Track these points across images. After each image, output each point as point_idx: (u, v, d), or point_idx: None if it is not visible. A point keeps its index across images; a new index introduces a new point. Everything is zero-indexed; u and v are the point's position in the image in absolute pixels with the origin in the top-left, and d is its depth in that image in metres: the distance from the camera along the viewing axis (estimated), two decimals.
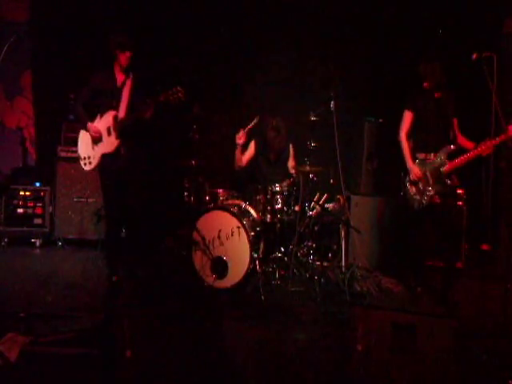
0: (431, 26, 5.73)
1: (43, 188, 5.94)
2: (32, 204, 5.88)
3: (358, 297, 4.31)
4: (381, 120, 5.58)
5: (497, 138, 3.95)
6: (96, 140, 4.34)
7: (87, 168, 4.45)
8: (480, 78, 3.36)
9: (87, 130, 4.38)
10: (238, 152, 5.09)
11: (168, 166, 5.96)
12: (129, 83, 4.38)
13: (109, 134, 4.30)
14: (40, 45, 6.32)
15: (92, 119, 4.42)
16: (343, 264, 4.79)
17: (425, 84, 4.28)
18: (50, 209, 5.91)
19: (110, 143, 4.30)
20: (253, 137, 5.28)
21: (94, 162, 4.38)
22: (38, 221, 5.88)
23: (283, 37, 6.14)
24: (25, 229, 5.84)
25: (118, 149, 4.30)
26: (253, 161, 5.29)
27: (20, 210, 5.85)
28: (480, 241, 5.45)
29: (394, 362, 2.63)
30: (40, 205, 5.88)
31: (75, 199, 5.84)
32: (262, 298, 4.15)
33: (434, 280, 4.46)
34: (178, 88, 4.10)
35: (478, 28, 5.65)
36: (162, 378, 2.55)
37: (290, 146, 5.31)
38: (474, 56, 3.42)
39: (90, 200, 5.84)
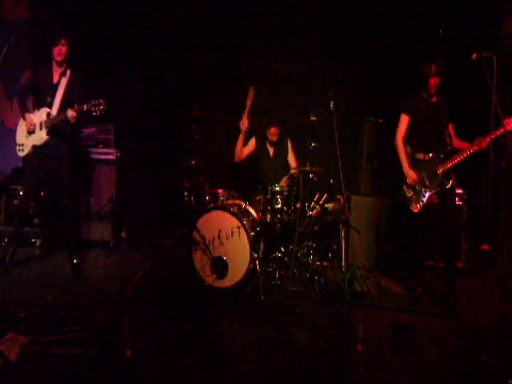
0: (431, 26, 5.74)
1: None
2: (32, 204, 5.86)
3: (358, 297, 4.31)
4: (381, 120, 5.58)
5: (492, 133, 3.94)
6: (30, 131, 4.64)
7: (20, 154, 4.77)
8: (480, 78, 3.35)
9: (24, 120, 4.67)
10: (239, 142, 5.14)
11: (168, 166, 5.97)
12: (64, 81, 4.62)
13: (41, 128, 4.59)
14: (40, 44, 6.31)
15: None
16: (343, 264, 4.79)
17: (430, 82, 4.23)
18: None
19: (40, 137, 4.59)
20: (253, 133, 5.33)
21: (26, 150, 4.69)
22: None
23: (283, 36, 6.14)
24: (25, 229, 5.82)
25: (45, 144, 4.59)
26: (252, 157, 5.32)
27: None
28: (480, 241, 5.45)
29: (393, 361, 2.63)
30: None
31: None
32: (262, 297, 4.15)
33: (434, 280, 4.46)
34: (100, 101, 4.25)
35: (477, 28, 5.65)
36: (162, 378, 2.55)
37: (288, 140, 5.34)
38: (474, 56, 3.42)
39: (90, 200, 5.83)
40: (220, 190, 4.95)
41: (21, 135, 4.77)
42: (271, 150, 5.33)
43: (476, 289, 4.89)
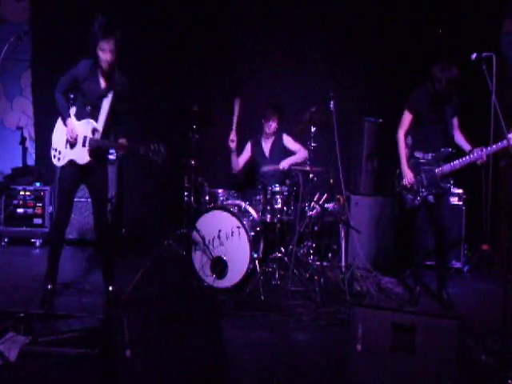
0: (431, 25, 5.73)
1: (43, 188, 5.94)
2: (32, 204, 5.87)
3: (358, 297, 4.32)
4: (381, 120, 5.58)
5: (493, 146, 3.93)
6: (70, 142, 3.91)
7: (54, 162, 4.02)
8: (479, 78, 3.35)
9: (65, 125, 3.91)
10: (233, 156, 5.22)
11: (168, 166, 5.95)
12: (111, 95, 3.92)
13: (83, 145, 3.88)
14: (40, 45, 6.32)
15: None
16: (343, 264, 4.79)
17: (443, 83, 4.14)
18: (50, 209, 5.91)
19: (81, 155, 3.89)
20: (248, 138, 5.36)
21: (62, 161, 3.96)
22: (37, 221, 5.88)
23: (283, 36, 6.14)
24: (25, 229, 5.84)
25: (86, 165, 3.91)
26: (250, 161, 5.35)
27: (20, 210, 5.86)
28: (480, 241, 5.45)
29: (393, 361, 2.63)
30: (40, 205, 5.88)
31: (75, 199, 5.82)
32: (262, 297, 4.15)
33: (434, 280, 4.46)
34: (161, 147, 3.84)
35: (477, 28, 5.65)
36: (162, 377, 2.55)
37: (284, 135, 5.31)
38: (474, 56, 3.40)
39: (90, 200, 5.81)
40: (220, 190, 4.95)
41: (58, 139, 3.97)
42: (267, 150, 5.31)
43: (476, 289, 4.90)
